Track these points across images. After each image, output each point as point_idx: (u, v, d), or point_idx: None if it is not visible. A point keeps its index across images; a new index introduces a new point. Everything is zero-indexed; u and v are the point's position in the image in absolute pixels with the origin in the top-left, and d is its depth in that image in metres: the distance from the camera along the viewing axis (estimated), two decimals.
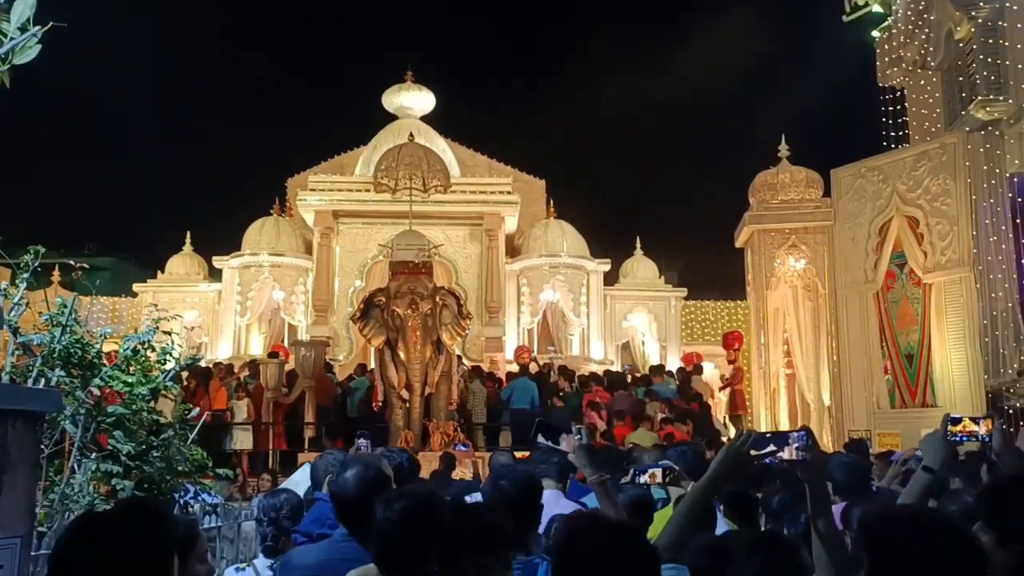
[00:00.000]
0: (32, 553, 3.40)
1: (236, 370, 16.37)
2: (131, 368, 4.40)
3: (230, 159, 36.11)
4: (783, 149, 18.87)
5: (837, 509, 4.23)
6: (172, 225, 23.95)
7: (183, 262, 21.03)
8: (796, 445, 2.57)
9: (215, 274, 20.79)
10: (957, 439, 3.11)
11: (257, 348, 19.48)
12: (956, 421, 3.10)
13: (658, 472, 4.40)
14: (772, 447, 2.63)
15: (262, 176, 34.63)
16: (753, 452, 2.67)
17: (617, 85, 35.70)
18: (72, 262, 4.41)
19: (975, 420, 3.19)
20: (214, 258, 20.70)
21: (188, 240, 21.33)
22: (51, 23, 3.46)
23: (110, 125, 35.89)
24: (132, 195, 35.11)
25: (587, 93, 38.70)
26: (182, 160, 38.06)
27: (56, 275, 18.20)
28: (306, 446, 14.02)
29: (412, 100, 21.87)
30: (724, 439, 14.86)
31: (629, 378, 16.85)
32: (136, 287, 20.87)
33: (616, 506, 3.88)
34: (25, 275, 4.37)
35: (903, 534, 1.90)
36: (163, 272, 21.06)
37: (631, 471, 4.94)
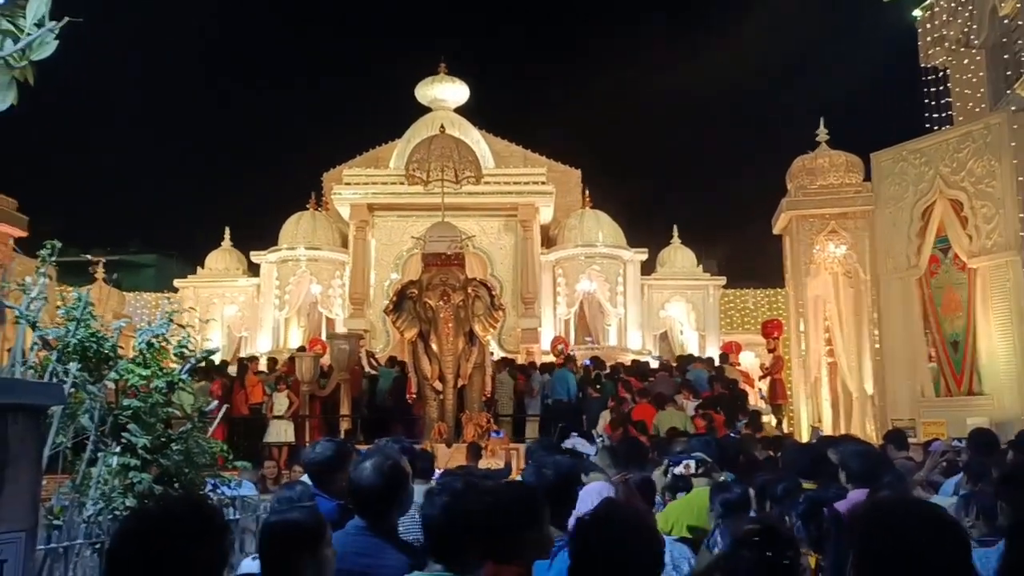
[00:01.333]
0: (40, 547, 3.42)
1: (278, 364, 16.49)
2: (147, 361, 4.39)
3: (267, 155, 36.52)
4: (822, 133, 18.46)
5: (857, 496, 4.12)
6: (212, 222, 24.28)
7: (222, 257, 21.28)
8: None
9: (254, 269, 21.01)
10: None
11: (296, 342, 19.64)
12: None
13: (692, 463, 4.54)
14: None
15: (299, 171, 35.00)
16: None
17: (653, 72, 35.35)
18: (89, 257, 4.43)
19: None
20: (252, 253, 20.93)
21: (227, 236, 21.57)
22: (66, 18, 3.44)
23: (151, 123, 36.47)
24: (174, 193, 35.65)
25: (623, 81, 38.30)
26: (221, 157, 38.55)
27: (100, 272, 18.54)
28: (342, 438, 14.09)
29: (445, 92, 21.82)
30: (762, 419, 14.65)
31: (655, 365, 16.76)
32: (177, 283, 21.18)
33: (639, 503, 3.98)
34: (42, 270, 4.39)
35: (891, 523, 1.88)
36: (203, 268, 21.32)
37: (665, 462, 4.92)
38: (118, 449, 4.20)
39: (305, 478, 5.11)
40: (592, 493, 4.97)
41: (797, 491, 4.29)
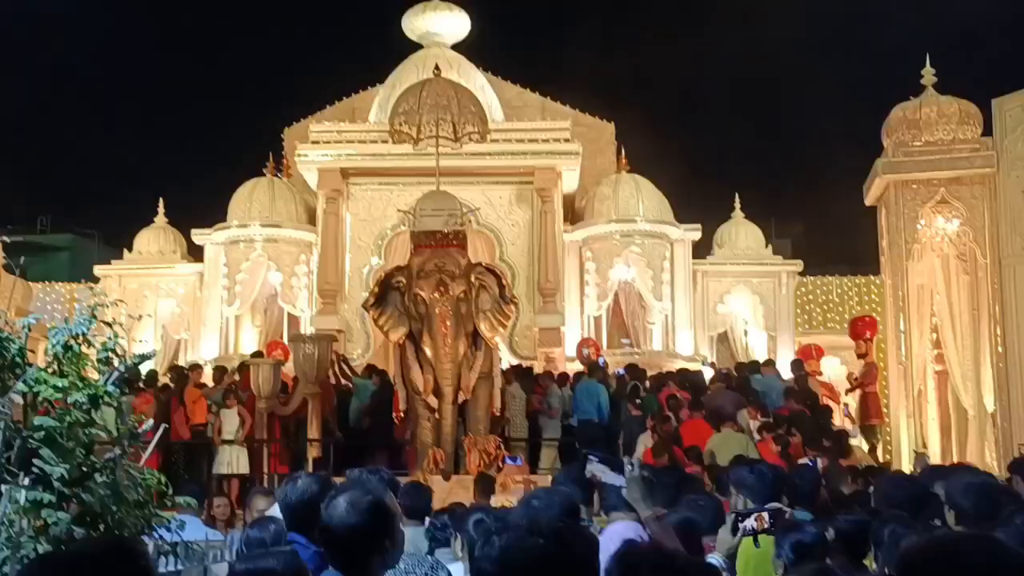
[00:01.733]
0: None
1: (227, 374, 16.56)
2: (63, 369, 4.42)
3: (213, 109, 36.48)
4: (927, 75, 18.40)
5: None
6: (143, 193, 24.33)
7: (155, 237, 21.39)
8: None
9: (195, 252, 21.11)
10: None
11: (250, 345, 19.74)
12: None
13: (765, 515, 4.64)
14: None
15: (252, 127, 34.89)
16: None
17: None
18: None
19: None
20: (193, 232, 21.03)
21: (161, 210, 21.67)
22: None
23: (58, 76, 36.50)
24: (96, 159, 35.74)
25: (667, 13, 38.20)
26: (156, 112, 38.61)
27: None
28: (311, 469, 14.15)
29: (441, 24, 21.81)
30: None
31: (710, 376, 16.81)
32: (98, 270, 21.31)
33: (675, 543, 4.04)
34: None
35: (942, 564, 2.02)
36: (131, 251, 21.43)
37: (732, 517, 4.95)
38: (27, 481, 4.24)
39: (274, 512, 5.17)
40: (613, 539, 4.97)
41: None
